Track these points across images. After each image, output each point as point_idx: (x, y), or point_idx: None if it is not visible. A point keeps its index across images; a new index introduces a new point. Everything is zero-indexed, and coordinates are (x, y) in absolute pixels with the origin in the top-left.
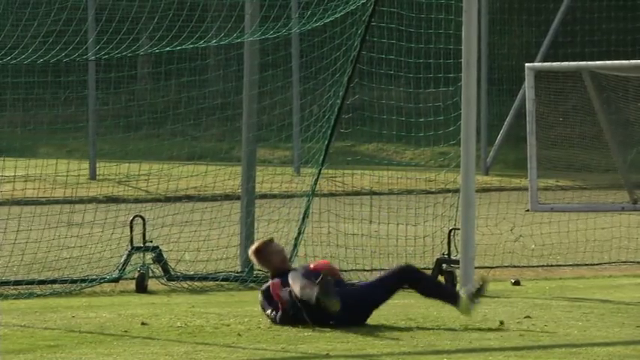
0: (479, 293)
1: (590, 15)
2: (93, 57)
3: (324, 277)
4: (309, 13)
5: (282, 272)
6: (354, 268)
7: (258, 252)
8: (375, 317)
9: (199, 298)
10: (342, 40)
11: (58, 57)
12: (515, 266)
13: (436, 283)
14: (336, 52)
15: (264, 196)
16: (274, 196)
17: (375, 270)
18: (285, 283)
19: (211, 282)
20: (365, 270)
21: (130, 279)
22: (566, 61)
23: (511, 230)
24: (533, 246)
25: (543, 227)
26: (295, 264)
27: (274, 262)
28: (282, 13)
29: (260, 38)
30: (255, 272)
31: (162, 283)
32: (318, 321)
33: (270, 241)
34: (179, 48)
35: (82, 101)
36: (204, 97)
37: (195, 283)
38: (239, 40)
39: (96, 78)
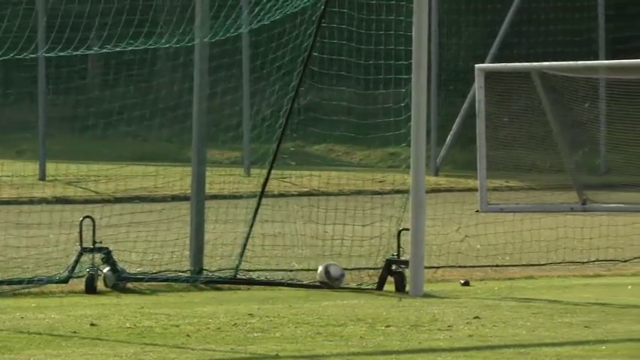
0: None
1: (539, 16)
2: (42, 54)
3: None
4: (261, 14)
5: None
6: (303, 268)
7: None
8: (325, 318)
9: (149, 298)
10: (292, 40)
11: (6, 57)
12: (464, 267)
13: None
14: (287, 53)
15: (214, 197)
16: (224, 197)
17: None
18: None
19: (161, 283)
20: (314, 270)
21: (81, 277)
22: (516, 61)
23: (457, 231)
24: (478, 246)
25: (492, 227)
26: (243, 265)
27: None
28: (233, 15)
29: (210, 40)
30: (204, 273)
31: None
32: None
33: None
34: (130, 48)
35: (31, 101)
36: (155, 98)
37: (145, 284)
38: (189, 45)
39: (46, 78)
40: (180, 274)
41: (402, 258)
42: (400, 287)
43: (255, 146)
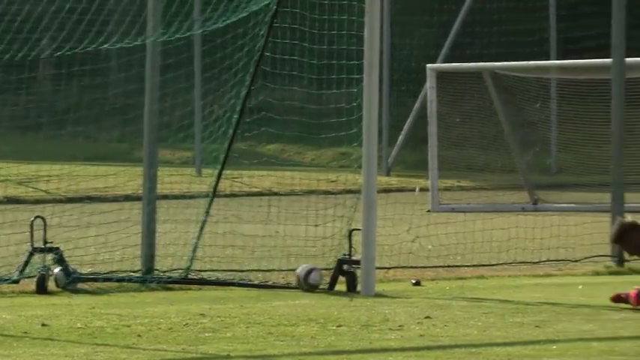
0: None
1: (491, 16)
2: None
3: None
4: (214, 15)
5: None
6: (254, 268)
7: None
8: (276, 318)
9: (100, 298)
10: (244, 41)
11: None
12: (415, 267)
13: None
14: (239, 52)
15: (165, 197)
16: (175, 197)
17: (276, 271)
18: None
19: (112, 283)
20: (265, 270)
21: (32, 277)
22: (467, 62)
23: (407, 231)
24: (430, 246)
25: (444, 227)
26: (195, 265)
27: None
28: (184, 16)
29: (162, 40)
30: (155, 273)
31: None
32: None
33: None
34: (81, 49)
35: None
36: (106, 98)
37: (97, 284)
38: (141, 43)
39: None
40: (132, 274)
41: (354, 258)
42: (352, 287)
43: (207, 146)
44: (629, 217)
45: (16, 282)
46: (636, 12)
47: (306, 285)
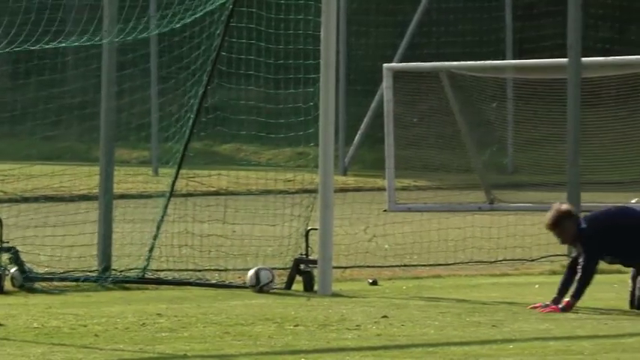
0: None
1: (446, 16)
2: None
3: None
4: (170, 14)
5: None
6: (210, 268)
7: None
8: (233, 317)
9: (57, 298)
10: (201, 39)
11: None
12: (372, 266)
13: None
14: (196, 51)
15: (122, 196)
16: (132, 196)
17: (231, 270)
18: None
19: (69, 283)
20: (222, 270)
21: None
22: (424, 61)
23: (364, 230)
24: (386, 246)
25: (400, 227)
26: (151, 264)
27: None
28: (141, 14)
29: (119, 40)
30: (112, 273)
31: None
32: None
33: None
34: (38, 47)
35: None
36: (63, 96)
37: (53, 284)
38: (98, 43)
39: None
40: (89, 274)
41: (311, 257)
42: (308, 287)
43: (164, 146)
44: (565, 205)
45: None
46: (592, 11)
47: (260, 287)
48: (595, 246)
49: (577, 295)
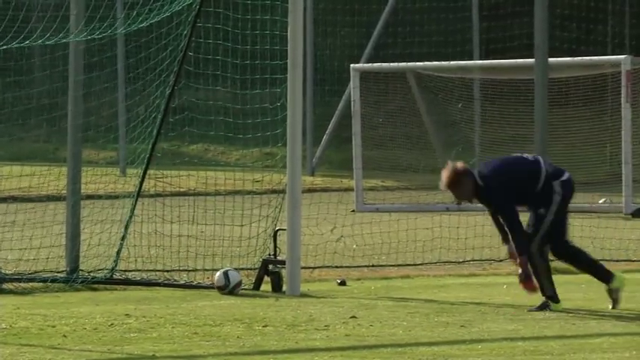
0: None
1: (413, 16)
2: None
3: None
4: (135, 13)
5: None
6: (178, 268)
7: None
8: (202, 318)
9: (25, 299)
10: (168, 40)
11: None
12: (340, 266)
13: None
14: (163, 52)
15: (90, 197)
16: (100, 197)
17: (200, 270)
18: None
19: (37, 283)
20: (190, 270)
21: None
22: (391, 62)
23: (331, 231)
24: (355, 246)
25: (368, 227)
26: (120, 265)
27: None
28: (107, 14)
29: (85, 39)
30: (80, 273)
31: None
32: None
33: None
34: (3, 47)
35: None
36: (30, 97)
37: (21, 285)
38: (64, 41)
39: None
40: (57, 274)
41: (279, 258)
42: (277, 287)
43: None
44: (460, 163)
45: None
46: (558, 12)
47: (230, 289)
48: (501, 195)
49: (520, 249)
